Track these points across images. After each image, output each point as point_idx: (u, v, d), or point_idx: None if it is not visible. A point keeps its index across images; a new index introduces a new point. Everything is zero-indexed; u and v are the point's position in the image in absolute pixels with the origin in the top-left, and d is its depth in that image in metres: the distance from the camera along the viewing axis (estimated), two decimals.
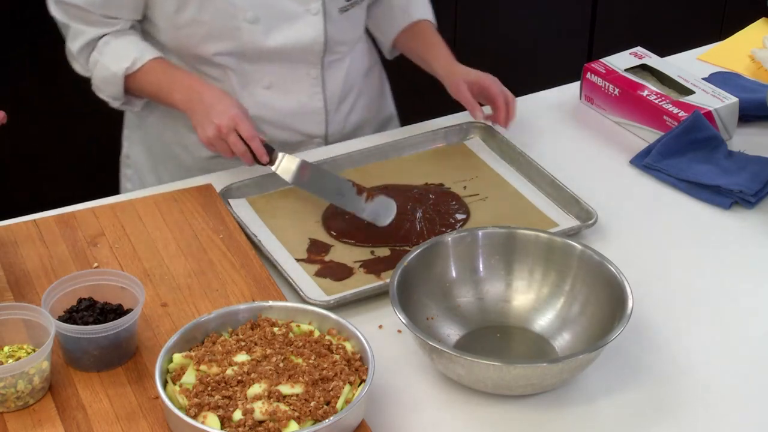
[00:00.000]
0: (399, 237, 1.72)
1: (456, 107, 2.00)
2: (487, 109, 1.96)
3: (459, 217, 1.76)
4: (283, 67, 1.91)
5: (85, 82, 2.81)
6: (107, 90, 1.88)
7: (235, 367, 1.38)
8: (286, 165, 1.77)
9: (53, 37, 3.19)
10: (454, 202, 1.80)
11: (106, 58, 1.85)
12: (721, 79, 2.15)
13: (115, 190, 1.89)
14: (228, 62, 1.88)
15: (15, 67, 3.15)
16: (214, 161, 1.95)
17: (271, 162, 1.78)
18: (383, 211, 1.71)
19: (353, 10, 1.93)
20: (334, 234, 1.71)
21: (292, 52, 1.89)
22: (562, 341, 1.52)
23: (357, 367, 1.40)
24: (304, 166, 1.77)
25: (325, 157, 1.89)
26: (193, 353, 1.40)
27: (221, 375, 1.37)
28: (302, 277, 1.64)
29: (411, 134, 1.97)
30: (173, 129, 1.97)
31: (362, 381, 1.38)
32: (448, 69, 1.95)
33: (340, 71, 1.98)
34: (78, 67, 1.91)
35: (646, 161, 1.92)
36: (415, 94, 2.49)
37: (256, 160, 1.77)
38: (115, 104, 1.91)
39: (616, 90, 2.04)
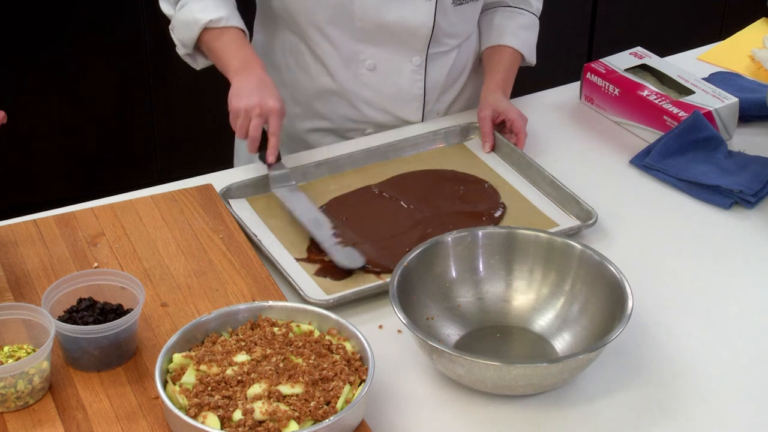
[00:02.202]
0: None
1: None
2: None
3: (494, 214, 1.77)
4: (389, 50, 1.95)
5: (87, 82, 2.82)
6: (182, 33, 1.91)
7: (235, 367, 1.38)
8: (280, 174, 1.80)
9: (54, 37, 3.20)
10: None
11: (196, 5, 1.88)
12: (721, 79, 2.15)
13: (115, 190, 1.88)
14: (335, 36, 1.92)
15: (15, 67, 3.15)
16: (312, 135, 2.01)
17: (271, 166, 1.80)
18: (349, 259, 1.66)
19: (467, 6, 1.97)
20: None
21: (399, 32, 1.92)
22: (562, 341, 1.52)
23: (357, 367, 1.40)
24: (294, 188, 1.80)
25: (326, 157, 1.89)
26: (193, 353, 1.40)
27: (221, 375, 1.37)
28: (302, 276, 1.64)
29: (411, 135, 1.97)
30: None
31: (362, 381, 1.38)
32: (486, 93, 1.99)
33: (445, 64, 2.02)
34: (165, 5, 1.94)
35: (646, 161, 1.92)
36: None
37: (260, 157, 1.81)
38: (181, 50, 1.95)
39: (616, 90, 2.04)
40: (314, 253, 1.69)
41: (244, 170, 1.90)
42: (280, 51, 2.02)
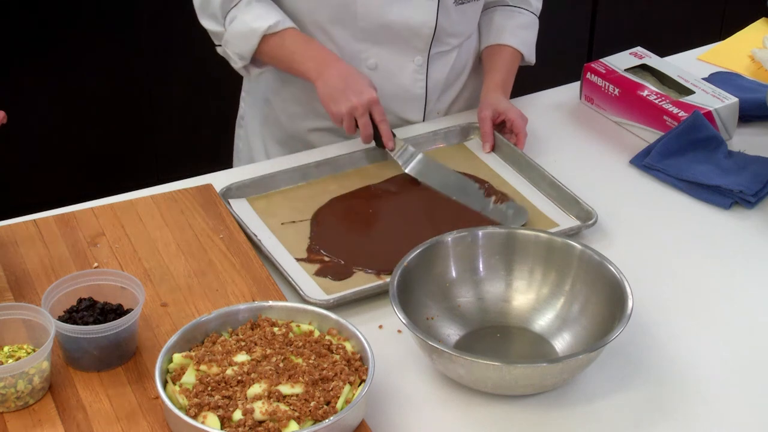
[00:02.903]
0: None
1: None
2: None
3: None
4: (391, 49, 1.95)
5: (87, 82, 2.81)
6: (238, 46, 1.90)
7: (235, 367, 1.38)
8: (407, 154, 1.85)
9: (54, 37, 3.20)
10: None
11: (248, 16, 1.88)
12: (721, 79, 2.15)
13: (115, 189, 1.88)
14: (338, 36, 1.93)
15: (15, 67, 3.15)
16: (313, 134, 2.02)
17: (392, 149, 1.85)
18: (513, 216, 1.72)
19: (468, 5, 1.97)
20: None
21: (401, 32, 1.93)
22: (562, 341, 1.52)
23: (357, 367, 1.40)
24: (424, 159, 1.84)
25: (326, 157, 1.89)
26: (193, 353, 1.40)
27: (221, 375, 1.37)
28: (302, 276, 1.64)
29: (412, 134, 1.97)
30: (281, 95, 2.03)
31: (362, 381, 1.38)
32: (486, 93, 1.99)
33: (446, 63, 2.03)
34: (209, 22, 1.93)
35: (646, 161, 1.92)
36: None
37: (377, 143, 1.85)
38: (237, 64, 1.94)
39: (616, 90, 2.04)
40: (314, 253, 1.69)
41: (244, 170, 1.90)
42: None
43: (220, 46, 1.94)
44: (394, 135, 1.86)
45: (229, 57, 1.93)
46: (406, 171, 1.85)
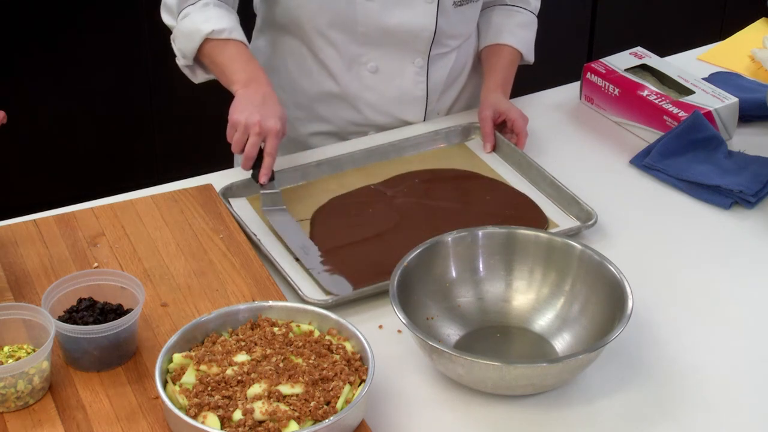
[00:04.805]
0: None
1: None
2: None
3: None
4: (391, 52, 1.95)
5: (87, 82, 2.81)
6: (182, 43, 1.89)
7: (235, 367, 1.38)
8: (271, 195, 1.76)
9: (55, 37, 3.20)
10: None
11: (199, 16, 1.86)
12: (721, 79, 2.15)
13: (115, 190, 1.88)
14: (338, 40, 1.92)
15: (16, 67, 3.15)
16: (313, 138, 2.01)
17: (264, 185, 1.76)
18: (337, 286, 1.62)
19: (467, 6, 1.97)
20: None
21: (402, 36, 1.93)
22: (562, 341, 1.52)
23: (357, 367, 1.40)
24: (283, 211, 1.76)
25: (326, 157, 1.89)
26: (193, 353, 1.40)
27: (221, 375, 1.37)
28: (302, 276, 1.64)
29: (412, 134, 1.97)
30: (280, 100, 1.99)
31: (362, 381, 1.38)
32: (487, 93, 1.99)
33: (446, 64, 2.02)
34: (166, 16, 1.92)
35: (646, 161, 1.92)
36: None
37: (253, 175, 1.77)
38: (181, 62, 1.93)
39: (616, 90, 2.04)
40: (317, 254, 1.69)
41: (243, 170, 1.90)
42: (282, 55, 2.01)
43: (172, 42, 1.94)
44: (273, 177, 1.77)
45: (176, 53, 1.93)
46: (262, 209, 1.75)
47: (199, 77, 1.96)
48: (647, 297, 1.59)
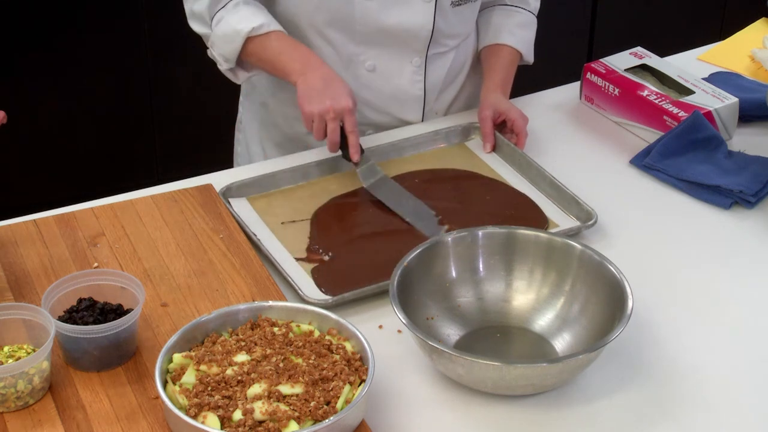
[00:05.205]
0: None
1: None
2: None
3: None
4: (389, 51, 1.95)
5: (87, 82, 2.81)
6: (223, 48, 1.89)
7: (235, 367, 1.38)
8: (369, 170, 1.82)
9: (55, 37, 3.20)
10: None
11: (234, 18, 1.87)
12: (721, 79, 2.15)
13: (115, 189, 1.88)
14: (336, 39, 1.92)
15: (16, 67, 3.15)
16: (312, 137, 1.99)
17: (358, 164, 1.81)
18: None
19: (465, 6, 1.97)
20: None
21: (399, 35, 1.93)
22: (562, 341, 1.52)
23: (357, 367, 1.40)
24: (385, 179, 1.81)
25: (326, 157, 1.89)
26: (193, 353, 1.40)
27: (221, 375, 1.37)
28: (302, 276, 1.64)
29: (412, 134, 1.97)
30: (278, 98, 2.03)
31: (362, 381, 1.38)
32: (486, 93, 1.99)
33: (444, 64, 2.02)
34: (196, 24, 1.92)
35: (646, 161, 1.92)
36: None
37: (344, 156, 1.82)
38: (223, 66, 1.93)
39: (616, 90, 2.04)
40: (314, 252, 1.69)
41: (244, 170, 1.90)
42: None
43: (209, 49, 1.94)
44: (362, 151, 1.82)
45: (216, 59, 1.93)
46: (365, 187, 1.81)
47: (241, 78, 1.96)
48: (647, 297, 1.59)
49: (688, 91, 2.02)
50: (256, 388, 1.35)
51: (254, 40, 1.86)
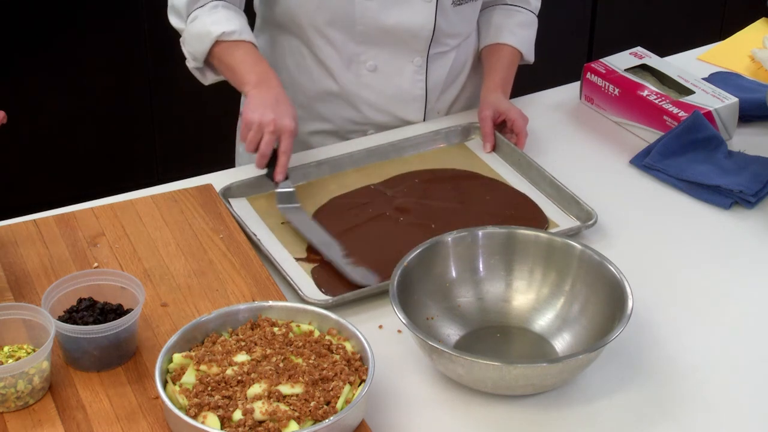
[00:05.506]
0: None
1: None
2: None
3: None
4: (389, 51, 1.95)
5: (87, 82, 2.81)
6: (193, 45, 1.89)
7: (235, 367, 1.38)
8: (286, 193, 1.78)
9: (55, 37, 3.19)
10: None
11: (209, 18, 1.87)
12: (721, 79, 2.15)
13: (115, 190, 1.88)
14: (337, 39, 1.92)
15: (16, 67, 3.15)
16: (314, 137, 2.02)
17: (278, 184, 1.78)
18: (363, 277, 1.63)
19: (466, 6, 1.97)
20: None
21: (400, 34, 1.93)
22: (562, 341, 1.52)
23: (357, 367, 1.40)
24: (299, 210, 1.77)
25: (326, 157, 1.89)
26: (193, 353, 1.40)
27: (221, 375, 1.37)
28: (302, 276, 1.64)
29: (412, 134, 1.97)
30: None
31: (362, 381, 1.38)
32: (486, 93, 1.99)
33: (445, 64, 2.02)
34: (174, 19, 1.93)
35: (646, 161, 1.92)
36: None
37: (267, 174, 1.80)
38: (191, 64, 1.94)
39: (616, 90, 2.04)
40: (314, 252, 1.69)
41: (244, 170, 1.90)
42: (281, 54, 2.01)
43: (181, 45, 1.94)
44: (287, 177, 1.79)
45: (186, 56, 1.93)
46: (278, 207, 1.77)
47: (208, 79, 1.96)
48: (647, 297, 1.59)
49: (688, 91, 2.02)
50: (256, 388, 1.35)
51: (222, 45, 1.86)
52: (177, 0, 1.90)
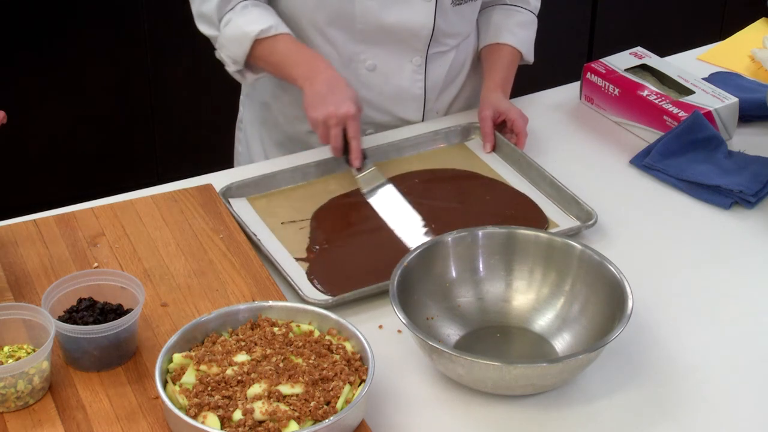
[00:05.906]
0: None
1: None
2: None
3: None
4: (389, 50, 1.95)
5: (87, 82, 2.81)
6: (231, 50, 1.89)
7: (235, 367, 1.38)
8: (370, 177, 1.81)
9: (54, 37, 3.20)
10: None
11: (242, 20, 1.87)
12: (721, 79, 2.15)
13: (115, 190, 1.88)
14: (336, 38, 1.92)
15: (16, 67, 3.15)
16: (313, 136, 2.01)
17: (360, 169, 1.81)
18: None
19: (466, 5, 1.97)
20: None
21: (399, 34, 1.93)
22: (562, 341, 1.52)
23: (357, 367, 1.40)
24: (385, 185, 1.80)
25: (326, 157, 1.89)
26: (193, 353, 1.40)
27: (221, 375, 1.37)
28: (302, 276, 1.64)
29: (412, 134, 1.97)
30: (279, 98, 2.03)
31: (362, 381, 1.38)
32: (486, 93, 1.99)
33: (444, 63, 2.02)
34: (204, 26, 1.92)
35: (646, 161, 1.92)
36: None
37: (346, 160, 1.82)
38: (231, 68, 1.93)
39: (616, 90, 2.04)
40: (314, 252, 1.69)
41: (244, 170, 1.90)
42: None
43: (217, 50, 1.94)
44: (365, 156, 1.82)
45: (224, 61, 1.93)
46: (363, 193, 1.80)
47: (249, 79, 1.96)
48: (647, 297, 1.59)
49: (688, 91, 2.02)
50: (256, 388, 1.35)
51: (262, 43, 1.87)
52: (205, 7, 1.89)
